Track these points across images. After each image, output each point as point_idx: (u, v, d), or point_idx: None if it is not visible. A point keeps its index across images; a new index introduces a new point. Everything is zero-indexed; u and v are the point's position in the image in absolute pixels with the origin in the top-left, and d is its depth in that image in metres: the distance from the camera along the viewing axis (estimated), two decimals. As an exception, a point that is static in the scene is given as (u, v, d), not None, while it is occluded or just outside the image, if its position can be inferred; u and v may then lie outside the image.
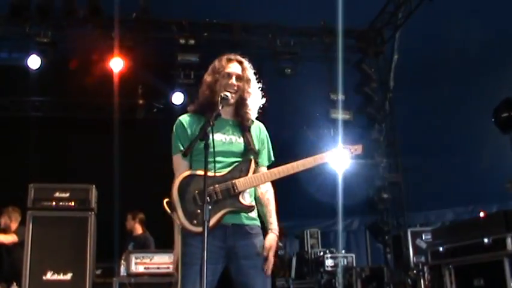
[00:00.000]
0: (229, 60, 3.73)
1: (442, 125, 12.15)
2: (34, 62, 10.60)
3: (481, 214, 8.51)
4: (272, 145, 3.89)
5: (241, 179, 3.49)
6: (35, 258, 7.12)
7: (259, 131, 3.80)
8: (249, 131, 3.71)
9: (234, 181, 3.48)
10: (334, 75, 10.98)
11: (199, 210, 3.41)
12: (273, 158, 3.82)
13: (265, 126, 3.89)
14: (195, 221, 3.42)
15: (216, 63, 3.75)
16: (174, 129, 3.72)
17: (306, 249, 11.82)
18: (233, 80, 3.66)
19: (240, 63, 3.74)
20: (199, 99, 3.74)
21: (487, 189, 11.44)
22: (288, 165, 3.58)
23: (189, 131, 3.64)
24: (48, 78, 10.95)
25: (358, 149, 3.72)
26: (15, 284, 7.27)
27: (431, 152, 11.23)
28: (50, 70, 10.76)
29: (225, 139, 3.62)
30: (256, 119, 3.84)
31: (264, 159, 3.77)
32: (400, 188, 11.78)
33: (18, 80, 11.23)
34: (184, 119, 3.73)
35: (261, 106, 3.83)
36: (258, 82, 3.82)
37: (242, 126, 3.69)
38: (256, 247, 3.54)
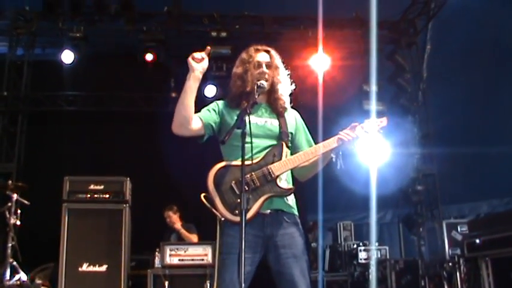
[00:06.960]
0: (257, 50, 3.79)
1: (476, 115, 11.97)
2: (67, 56, 10.73)
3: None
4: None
5: (276, 164, 3.50)
6: (71, 250, 7.21)
7: (294, 118, 3.81)
8: (284, 116, 3.73)
9: (269, 166, 3.49)
10: (367, 66, 10.86)
11: (239, 200, 3.35)
12: (313, 143, 3.77)
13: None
14: (236, 211, 3.39)
15: (244, 54, 3.81)
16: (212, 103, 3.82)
17: (339, 241, 11.78)
18: (264, 68, 3.70)
19: (267, 52, 3.81)
20: (231, 92, 3.77)
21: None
22: (320, 144, 3.60)
23: (219, 114, 3.75)
24: (81, 72, 11.03)
25: (384, 121, 3.70)
26: None
27: (465, 143, 11.07)
28: (83, 65, 10.86)
29: (259, 121, 3.65)
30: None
31: (303, 144, 3.76)
32: (434, 179, 11.66)
33: (52, 75, 11.32)
34: (223, 103, 3.80)
35: (292, 93, 3.84)
36: (286, 69, 3.84)
37: (276, 111, 3.72)
38: (293, 236, 3.52)
